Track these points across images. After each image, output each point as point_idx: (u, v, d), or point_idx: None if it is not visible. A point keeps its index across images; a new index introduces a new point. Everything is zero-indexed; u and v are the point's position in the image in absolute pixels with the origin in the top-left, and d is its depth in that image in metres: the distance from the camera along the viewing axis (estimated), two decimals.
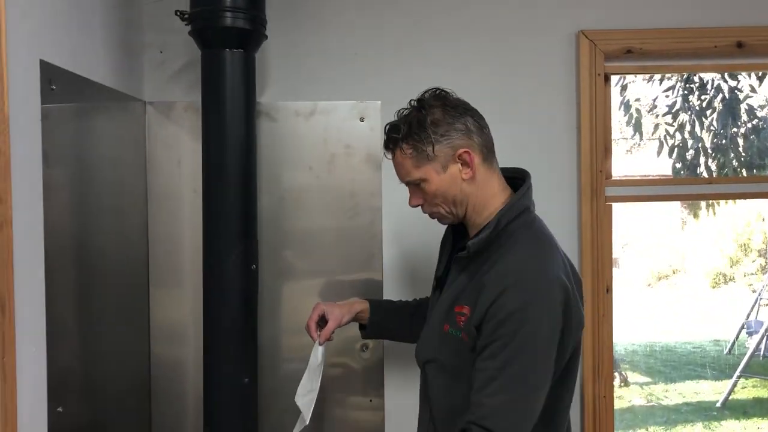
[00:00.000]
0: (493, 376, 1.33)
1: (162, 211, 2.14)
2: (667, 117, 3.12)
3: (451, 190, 1.47)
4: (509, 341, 1.32)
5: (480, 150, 1.47)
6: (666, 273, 9.89)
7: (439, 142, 1.44)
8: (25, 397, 1.37)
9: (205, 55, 1.80)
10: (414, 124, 1.46)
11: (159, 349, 2.14)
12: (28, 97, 1.43)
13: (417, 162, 1.47)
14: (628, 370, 6.69)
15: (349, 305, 1.75)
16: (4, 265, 1.28)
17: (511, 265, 1.39)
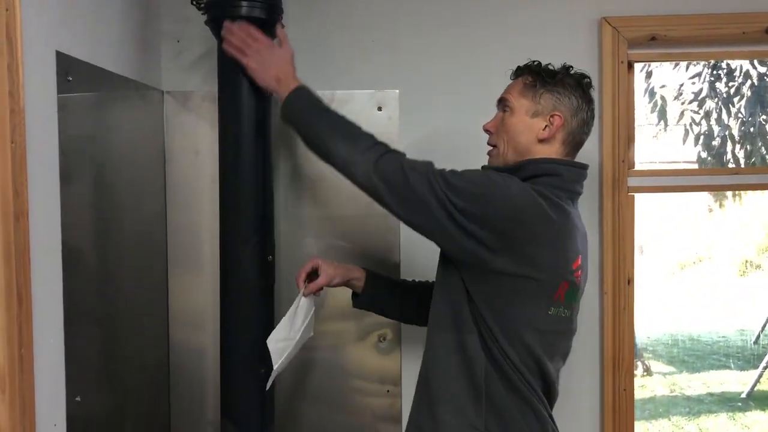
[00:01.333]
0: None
1: (180, 200, 2.14)
2: (693, 104, 3.06)
3: (522, 136, 1.58)
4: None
5: (568, 130, 1.58)
6: (692, 261, 9.76)
7: (551, 92, 1.57)
8: (42, 387, 1.39)
9: (221, 45, 1.79)
10: (549, 72, 1.61)
11: (178, 337, 2.15)
12: (45, 89, 1.43)
13: (524, 91, 1.59)
14: (651, 359, 6.62)
15: (345, 269, 1.79)
16: (21, 257, 1.29)
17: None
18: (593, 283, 2.12)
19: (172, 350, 2.16)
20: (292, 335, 1.71)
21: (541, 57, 2.10)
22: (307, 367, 2.15)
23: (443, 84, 2.16)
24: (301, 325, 1.73)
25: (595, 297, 2.13)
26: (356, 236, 2.16)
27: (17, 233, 1.27)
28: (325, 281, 1.74)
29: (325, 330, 2.13)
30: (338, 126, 1.62)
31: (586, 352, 2.15)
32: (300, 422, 2.16)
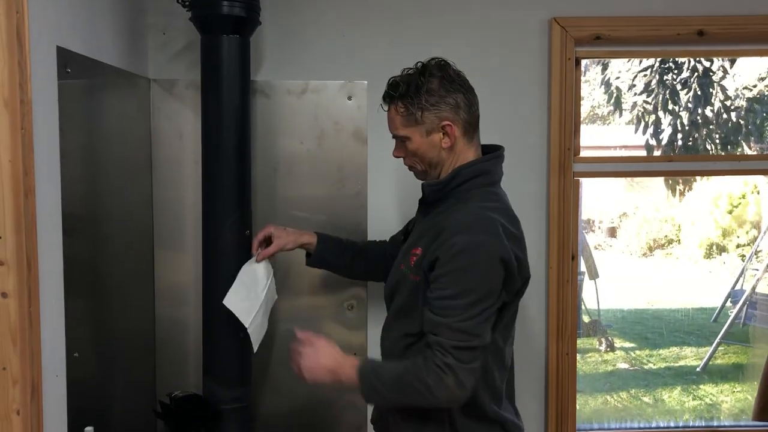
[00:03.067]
0: (444, 296, 1.52)
1: (165, 180, 2.33)
2: (645, 96, 3.29)
3: (429, 153, 1.65)
4: (458, 273, 1.51)
5: (463, 125, 1.63)
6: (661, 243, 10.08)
7: (428, 110, 1.61)
8: (47, 342, 1.59)
9: (204, 39, 1.97)
10: (412, 87, 1.62)
11: (163, 309, 2.36)
12: (47, 81, 1.61)
13: (405, 121, 1.64)
14: (615, 336, 6.92)
15: (298, 234, 1.97)
16: (30, 229, 1.48)
17: (463, 215, 1.58)
18: (540, 258, 2.35)
19: (158, 322, 2.36)
20: (253, 295, 1.91)
21: (497, 52, 2.33)
22: (280, 336, 2.36)
23: None
24: (264, 289, 1.93)
25: (542, 271, 2.36)
26: (327, 215, 2.36)
27: (26, 208, 1.46)
28: (275, 249, 1.93)
29: (299, 302, 2.35)
30: (405, 390, 1.56)
31: (534, 321, 2.38)
32: (275, 387, 2.37)
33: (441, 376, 1.49)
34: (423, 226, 1.69)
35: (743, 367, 6.09)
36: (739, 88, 3.32)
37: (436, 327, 1.52)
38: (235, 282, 1.91)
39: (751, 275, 6.94)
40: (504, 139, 2.26)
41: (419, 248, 1.63)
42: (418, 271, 1.61)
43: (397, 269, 1.71)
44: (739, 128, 3.37)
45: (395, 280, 1.71)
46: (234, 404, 2.01)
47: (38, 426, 1.53)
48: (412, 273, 1.63)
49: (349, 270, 2.07)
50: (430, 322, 1.54)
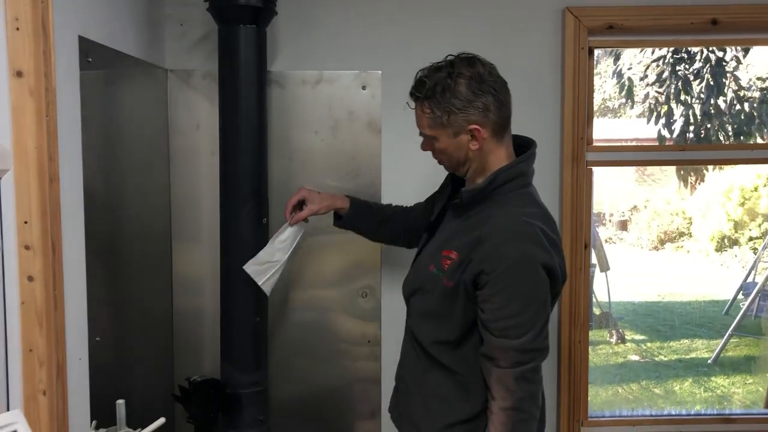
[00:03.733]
0: (502, 316, 1.49)
1: (182, 170, 2.36)
2: (657, 86, 3.29)
3: (457, 154, 1.60)
4: (511, 289, 1.48)
5: (492, 127, 1.56)
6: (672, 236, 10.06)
7: (455, 113, 1.53)
8: (71, 326, 1.63)
9: (222, 29, 2.00)
10: (438, 89, 1.54)
11: (180, 299, 2.40)
12: (70, 70, 1.65)
13: (432, 122, 1.57)
14: (626, 328, 6.93)
15: (331, 198, 1.93)
16: (54, 213, 1.52)
17: (505, 224, 1.52)
18: None
19: (176, 311, 2.40)
20: (276, 258, 1.92)
21: (510, 42, 2.35)
22: (296, 325, 2.41)
23: (422, 66, 2.36)
24: (288, 250, 1.92)
25: None
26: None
27: (51, 193, 1.50)
28: (309, 212, 1.89)
29: (313, 291, 2.38)
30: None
31: None
32: (291, 374, 2.41)
33: (533, 400, 1.53)
34: (455, 227, 1.63)
35: (755, 359, 6.09)
36: (752, 78, 3.31)
37: (503, 351, 1.49)
38: (263, 249, 1.93)
39: (763, 268, 6.92)
40: (517, 129, 2.29)
41: (453, 252, 1.57)
42: (454, 277, 1.56)
43: (424, 268, 1.65)
44: (752, 119, 3.37)
45: (423, 279, 1.65)
46: (251, 388, 2.05)
47: (63, 407, 1.57)
48: (445, 277, 1.57)
49: (374, 234, 2.04)
50: (493, 345, 1.51)
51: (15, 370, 1.49)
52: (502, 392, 1.51)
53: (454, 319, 1.59)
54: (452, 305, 1.58)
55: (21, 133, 1.45)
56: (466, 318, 1.58)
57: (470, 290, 1.54)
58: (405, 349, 1.78)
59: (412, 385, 1.72)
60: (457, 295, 1.56)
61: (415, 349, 1.70)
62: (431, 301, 1.63)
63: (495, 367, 1.52)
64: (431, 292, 1.62)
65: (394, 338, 2.40)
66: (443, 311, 1.60)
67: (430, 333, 1.65)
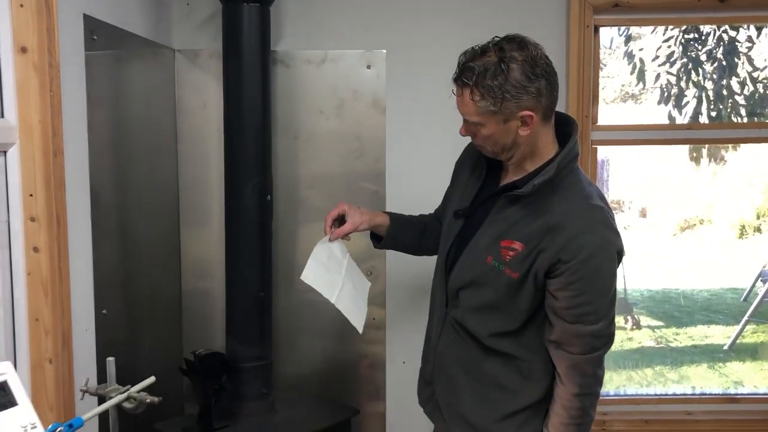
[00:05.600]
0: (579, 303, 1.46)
1: (190, 149, 2.40)
2: (667, 66, 3.26)
3: (504, 139, 1.50)
4: (590, 277, 1.44)
5: (543, 111, 1.46)
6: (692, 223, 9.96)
7: (508, 100, 1.42)
8: (77, 298, 1.67)
9: (225, 8, 2.03)
10: (490, 74, 1.42)
11: (189, 277, 2.44)
12: (74, 47, 1.69)
13: (481, 109, 1.45)
14: (642, 314, 6.90)
15: (371, 216, 1.80)
16: (59, 186, 1.56)
17: (575, 210, 1.47)
18: None
19: (184, 290, 2.45)
20: (334, 270, 1.76)
21: (515, 20, 2.34)
22: (302, 303, 2.44)
23: (428, 45, 2.38)
24: (343, 266, 1.78)
25: None
26: (346, 183, 2.41)
27: (55, 167, 1.54)
28: (350, 228, 1.75)
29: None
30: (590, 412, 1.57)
31: None
32: (297, 350, 2.46)
33: (601, 383, 1.54)
34: (512, 216, 1.53)
35: None
36: (767, 58, 3.27)
37: (577, 337, 1.48)
38: (309, 260, 1.76)
39: None
40: None
41: (516, 242, 1.50)
42: (519, 268, 1.49)
43: (479, 261, 1.56)
44: (766, 99, 3.33)
45: (478, 271, 1.56)
46: (255, 362, 2.08)
47: (69, 375, 1.62)
48: (508, 268, 1.50)
49: (418, 247, 1.90)
50: (566, 332, 1.48)
51: (22, 339, 1.54)
52: (577, 378, 1.50)
53: (517, 309, 1.54)
54: (515, 296, 1.53)
55: (26, 108, 1.49)
56: (532, 306, 1.54)
57: (541, 279, 1.49)
58: (445, 342, 1.67)
59: (462, 378, 1.64)
60: (523, 285, 1.51)
61: (465, 342, 1.63)
62: (490, 294, 1.55)
63: (566, 353, 1.50)
64: (489, 285, 1.55)
65: (398, 318, 2.43)
66: (504, 303, 1.55)
67: (488, 326, 1.58)
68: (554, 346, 1.53)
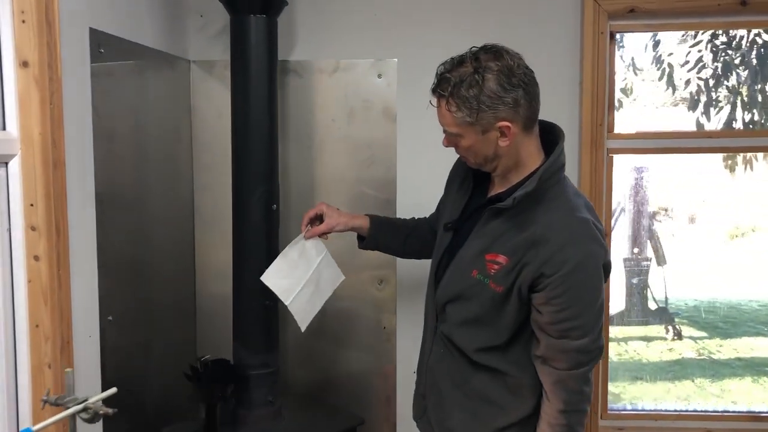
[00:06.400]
0: (564, 318, 1.45)
1: (205, 158, 2.44)
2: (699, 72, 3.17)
3: (484, 150, 1.49)
4: (574, 291, 1.43)
5: (523, 122, 1.45)
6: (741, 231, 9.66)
7: (484, 111, 1.42)
8: (79, 305, 1.71)
9: (233, 19, 2.05)
10: (464, 85, 1.42)
11: (204, 284, 2.48)
12: (80, 60, 1.73)
13: (458, 120, 1.45)
14: (685, 324, 6.71)
15: (349, 217, 1.86)
16: (59, 197, 1.60)
17: (559, 222, 1.45)
18: None
19: (199, 296, 2.49)
20: (298, 273, 1.85)
21: (528, 27, 2.32)
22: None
23: (438, 54, 2.33)
24: (312, 268, 1.86)
25: None
26: (357, 192, 2.41)
27: (55, 177, 1.58)
28: (325, 228, 1.82)
29: None
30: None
31: None
32: (306, 356, 2.47)
33: (589, 399, 1.52)
34: (497, 229, 1.51)
35: None
36: None
37: (562, 353, 1.46)
38: (278, 258, 1.86)
39: None
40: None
41: (500, 255, 1.48)
42: (503, 282, 1.48)
43: (464, 275, 1.55)
44: None
45: (464, 285, 1.55)
46: (261, 369, 2.09)
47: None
48: (493, 282, 1.50)
49: (402, 251, 1.95)
50: (552, 347, 1.47)
51: (23, 344, 1.59)
52: (561, 394, 1.48)
53: (503, 323, 1.53)
54: (500, 310, 1.52)
55: (27, 120, 1.54)
56: (518, 321, 1.52)
57: (525, 293, 1.48)
58: (434, 356, 1.67)
59: (451, 393, 1.63)
60: (508, 299, 1.50)
61: (453, 356, 1.62)
62: (475, 308, 1.55)
63: (552, 368, 1.48)
64: (474, 299, 1.54)
65: (409, 327, 2.42)
66: (489, 317, 1.54)
67: (473, 340, 1.57)
68: (540, 362, 1.51)
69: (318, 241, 1.88)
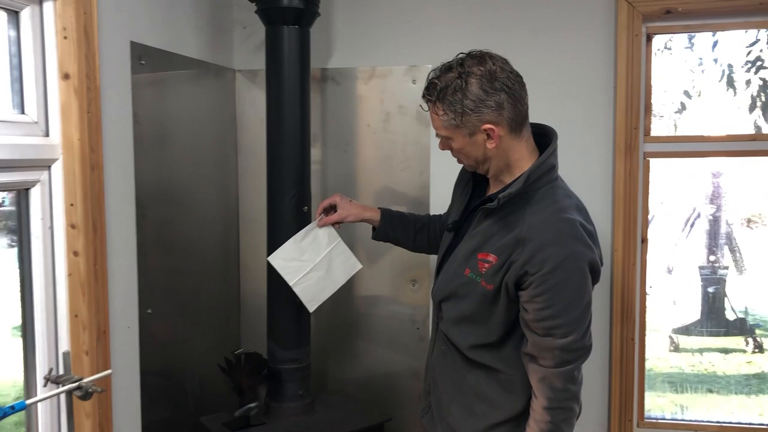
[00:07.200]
0: (546, 316, 1.47)
1: (249, 162, 2.57)
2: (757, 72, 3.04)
3: (474, 152, 1.56)
4: (556, 289, 1.46)
5: (508, 124, 1.50)
6: None
7: (468, 114, 1.49)
8: (117, 297, 1.85)
9: (268, 30, 2.15)
10: (449, 90, 1.50)
11: (248, 282, 2.61)
12: (120, 71, 1.87)
13: (446, 124, 1.53)
14: (765, 336, 6.38)
15: (361, 209, 1.99)
16: (97, 197, 1.74)
17: (544, 223, 1.48)
18: (605, 241, 2.31)
19: (243, 292, 2.61)
20: (306, 257, 2.01)
21: (561, 32, 2.32)
22: (347, 307, 2.54)
23: None
24: (323, 253, 2.02)
25: (606, 254, 2.31)
26: (392, 194, 2.48)
27: (93, 179, 1.72)
28: (337, 218, 1.97)
29: (365, 277, 2.50)
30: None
31: (597, 304, 2.33)
32: (346, 354, 2.56)
33: (576, 398, 1.53)
34: (489, 229, 1.57)
35: None
36: None
37: (547, 351, 1.49)
38: (288, 241, 2.02)
39: None
40: (568, 119, 2.27)
41: (491, 255, 1.53)
42: (493, 280, 1.53)
43: (457, 273, 1.61)
44: None
45: (457, 283, 1.61)
46: (291, 364, 2.19)
47: (105, 367, 1.79)
48: (484, 280, 1.55)
49: (412, 245, 2.03)
50: (537, 345, 1.50)
51: (63, 332, 1.73)
52: (546, 391, 1.51)
53: (494, 321, 1.57)
54: (492, 308, 1.56)
55: (67, 128, 1.69)
56: (508, 319, 1.56)
57: (512, 291, 1.52)
58: (436, 353, 1.73)
59: (449, 389, 1.69)
60: (498, 297, 1.54)
61: (450, 353, 1.67)
62: (468, 306, 1.60)
63: (538, 366, 1.51)
64: (467, 297, 1.59)
65: None
66: (481, 315, 1.58)
67: (467, 338, 1.62)
68: (528, 359, 1.54)
69: (331, 230, 2.04)
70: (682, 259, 4.63)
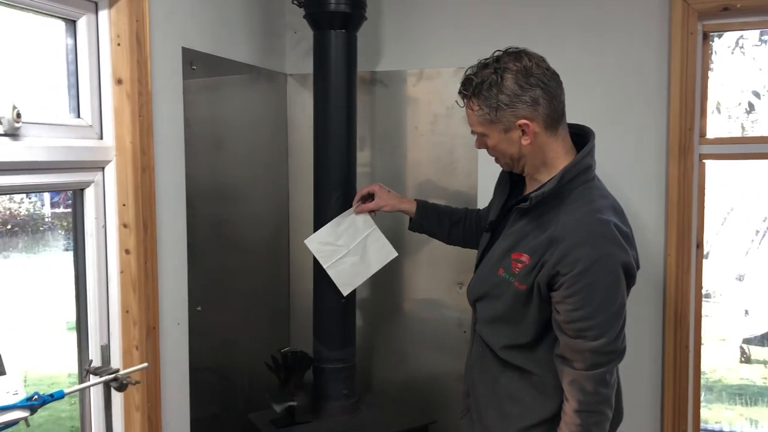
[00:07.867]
0: (578, 317, 1.46)
1: (300, 163, 2.61)
2: None
3: (509, 149, 1.57)
4: (588, 290, 1.44)
5: (543, 120, 1.51)
6: None
7: (503, 109, 1.50)
8: (167, 294, 1.92)
9: (315, 34, 2.19)
10: (485, 85, 1.52)
11: (297, 283, 2.65)
12: (172, 76, 1.94)
13: (481, 119, 1.56)
14: None
15: (398, 200, 2.05)
16: (148, 198, 1.81)
17: (577, 223, 1.47)
18: (658, 245, 2.24)
19: (293, 292, 2.66)
20: (341, 242, 2.09)
21: (613, 30, 2.28)
22: (395, 308, 2.55)
23: None
24: (359, 239, 2.09)
25: (659, 259, 2.25)
26: (440, 195, 2.47)
27: (143, 180, 1.79)
28: (374, 206, 2.05)
29: (412, 280, 2.50)
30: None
31: (648, 310, 2.28)
32: (393, 355, 2.58)
33: (608, 402, 1.51)
34: (523, 229, 1.56)
35: None
36: None
37: (578, 353, 1.47)
38: (325, 226, 2.11)
39: None
40: (619, 120, 2.23)
41: (524, 254, 1.53)
42: (526, 280, 1.53)
43: (491, 273, 1.61)
44: None
45: (491, 283, 1.62)
46: (336, 364, 2.21)
47: (155, 361, 1.86)
48: (517, 281, 1.54)
49: (447, 237, 2.04)
50: (569, 347, 1.49)
51: (115, 327, 1.80)
52: (577, 394, 1.49)
53: (527, 322, 1.56)
54: (525, 308, 1.56)
55: (120, 131, 1.76)
56: (541, 320, 1.55)
57: (545, 292, 1.51)
58: (474, 354, 1.75)
59: (484, 390, 1.69)
60: (530, 298, 1.54)
61: (485, 354, 1.68)
62: (501, 306, 1.60)
63: (570, 368, 1.50)
64: (501, 297, 1.59)
65: None
66: (514, 315, 1.58)
67: (501, 338, 1.62)
68: (560, 361, 1.52)
69: (367, 217, 2.12)
70: (754, 267, 4.44)
